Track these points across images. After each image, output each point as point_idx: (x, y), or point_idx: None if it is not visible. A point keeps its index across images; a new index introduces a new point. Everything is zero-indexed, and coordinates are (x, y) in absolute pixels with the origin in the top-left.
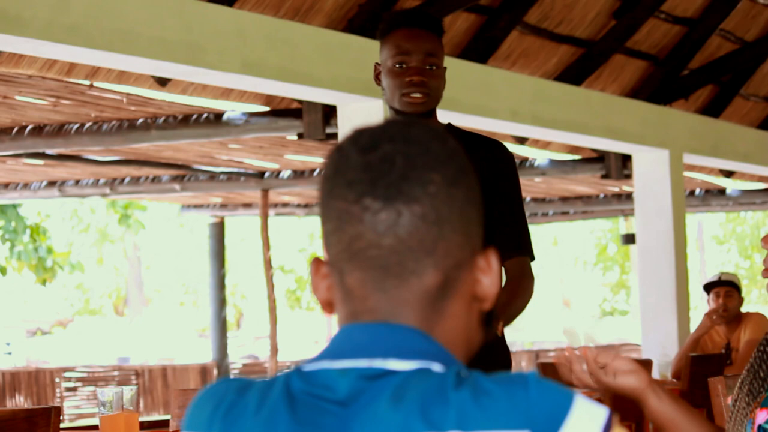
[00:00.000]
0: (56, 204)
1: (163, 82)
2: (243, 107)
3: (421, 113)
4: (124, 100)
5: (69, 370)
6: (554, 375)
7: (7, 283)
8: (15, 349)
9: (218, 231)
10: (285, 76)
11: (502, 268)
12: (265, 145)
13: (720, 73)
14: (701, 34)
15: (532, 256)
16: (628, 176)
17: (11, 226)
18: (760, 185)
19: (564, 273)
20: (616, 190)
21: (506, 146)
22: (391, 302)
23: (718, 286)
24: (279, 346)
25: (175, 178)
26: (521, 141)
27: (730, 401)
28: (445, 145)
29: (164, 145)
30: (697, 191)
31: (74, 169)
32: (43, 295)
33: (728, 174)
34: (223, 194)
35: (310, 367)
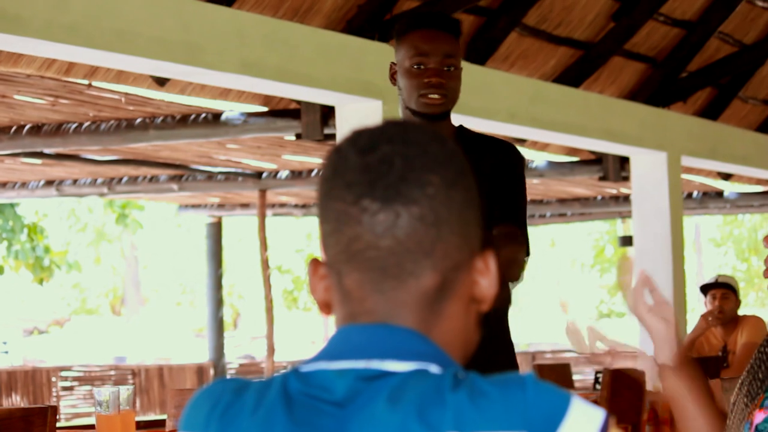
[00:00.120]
0: (54, 203)
1: (161, 82)
2: (241, 107)
3: (438, 114)
4: (123, 100)
5: (66, 370)
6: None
7: (5, 282)
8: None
9: (216, 231)
10: (283, 77)
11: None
12: (263, 146)
13: (718, 75)
14: (700, 37)
15: (528, 253)
16: (626, 178)
17: (9, 225)
18: (758, 188)
19: (561, 275)
20: (614, 192)
21: (518, 149)
22: (389, 303)
23: (715, 288)
24: (276, 346)
25: (173, 178)
26: (519, 142)
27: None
28: (443, 147)
29: (162, 145)
30: (695, 194)
31: (72, 169)
32: (40, 294)
33: (726, 177)
34: (220, 194)
35: (307, 367)
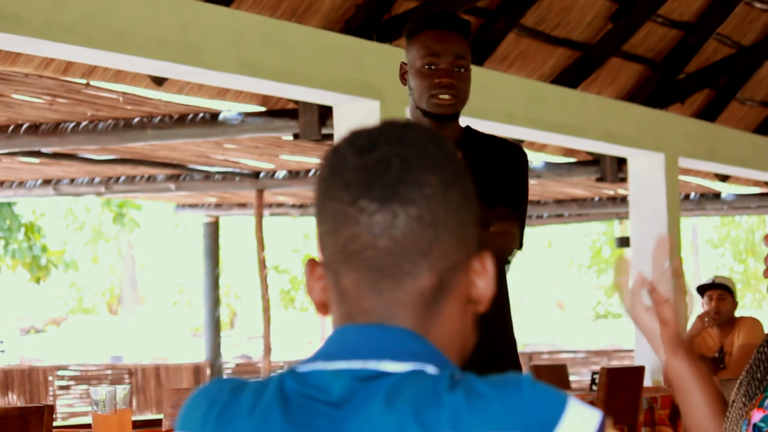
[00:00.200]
0: (51, 202)
1: (159, 82)
2: (239, 107)
3: (449, 115)
4: (121, 99)
5: (62, 369)
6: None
7: (1, 281)
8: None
9: (213, 230)
10: (281, 77)
11: None
12: (260, 146)
13: (716, 77)
14: (698, 38)
15: (520, 245)
16: (624, 179)
17: (6, 224)
18: (756, 189)
19: (558, 275)
20: (611, 193)
21: (524, 150)
22: (386, 304)
23: (711, 289)
24: (272, 346)
25: (171, 178)
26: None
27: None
28: (441, 148)
29: (160, 145)
30: (692, 195)
31: (69, 168)
32: (37, 294)
33: (723, 178)
34: (218, 194)
35: (304, 368)
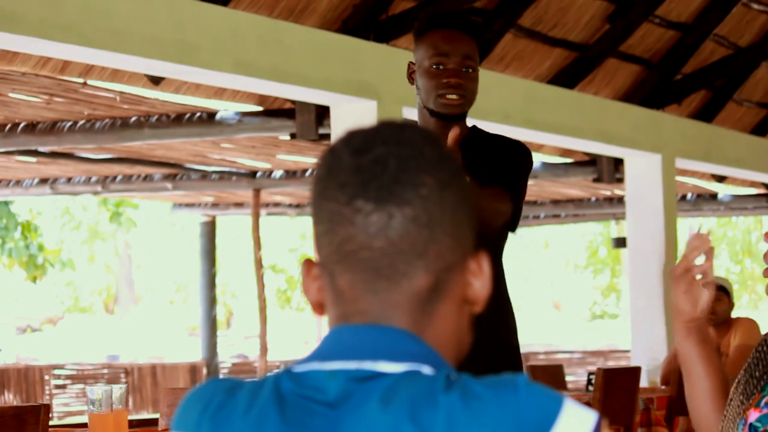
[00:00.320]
0: (48, 201)
1: (156, 81)
2: (236, 107)
3: (456, 115)
4: (118, 99)
5: (58, 368)
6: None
7: None
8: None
9: (209, 230)
10: (278, 77)
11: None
12: (257, 145)
13: (713, 78)
14: (695, 39)
15: (514, 227)
16: (620, 180)
17: (2, 223)
18: (752, 190)
19: (554, 276)
20: (608, 193)
21: (525, 147)
22: (382, 304)
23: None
24: (269, 345)
25: (167, 177)
26: None
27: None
28: (437, 149)
29: (157, 144)
30: (689, 196)
31: (66, 167)
32: (34, 293)
33: (720, 179)
34: (214, 193)
35: (299, 368)
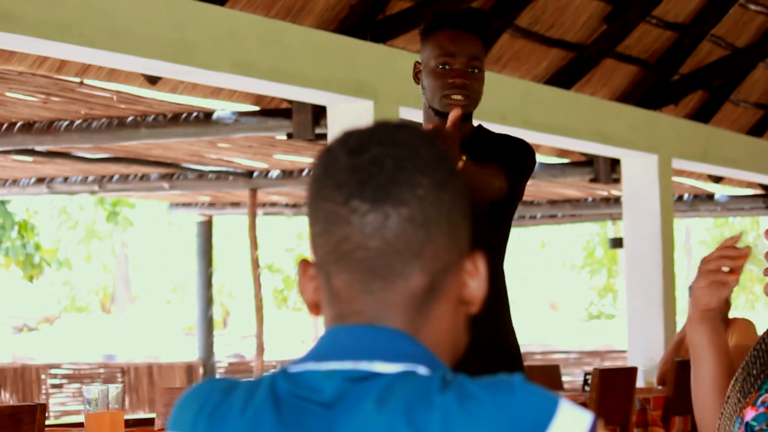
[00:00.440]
0: (45, 201)
1: (153, 81)
2: (233, 106)
3: (462, 115)
4: (114, 98)
5: (55, 367)
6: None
7: None
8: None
9: (206, 230)
10: (275, 76)
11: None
12: (254, 145)
13: (710, 78)
14: (692, 40)
15: (507, 213)
16: (617, 180)
17: None
18: (749, 191)
19: (551, 276)
20: (605, 194)
21: (529, 145)
22: (378, 304)
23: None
24: (265, 345)
25: (164, 177)
26: None
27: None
28: (434, 149)
29: (153, 144)
30: (686, 196)
31: (63, 166)
32: (30, 292)
33: (717, 179)
34: (211, 193)
35: (295, 368)
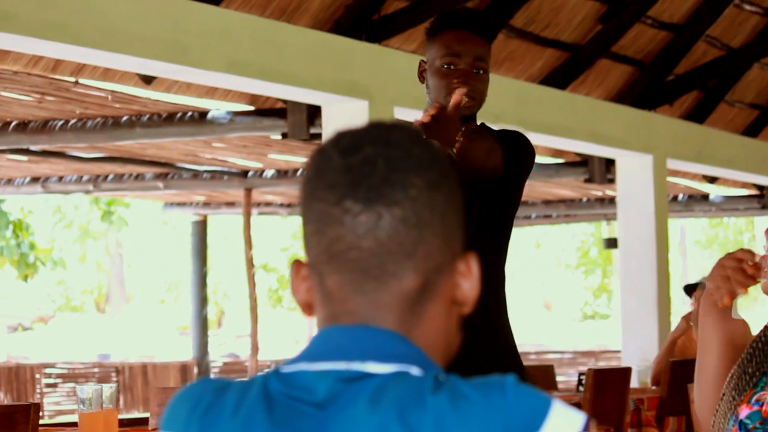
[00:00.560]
0: (39, 200)
1: (148, 80)
2: (227, 106)
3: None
4: (109, 98)
5: (49, 367)
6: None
7: None
8: None
9: (201, 229)
10: (270, 76)
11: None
12: (249, 145)
13: (705, 79)
14: (687, 40)
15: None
16: (612, 180)
17: None
18: (744, 191)
19: (546, 276)
20: (600, 194)
21: (526, 138)
22: (371, 305)
23: (698, 290)
24: (260, 345)
25: (159, 176)
26: None
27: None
28: (427, 149)
29: (148, 143)
30: (681, 196)
31: (58, 166)
32: (25, 291)
33: (712, 180)
34: (206, 192)
35: (288, 368)
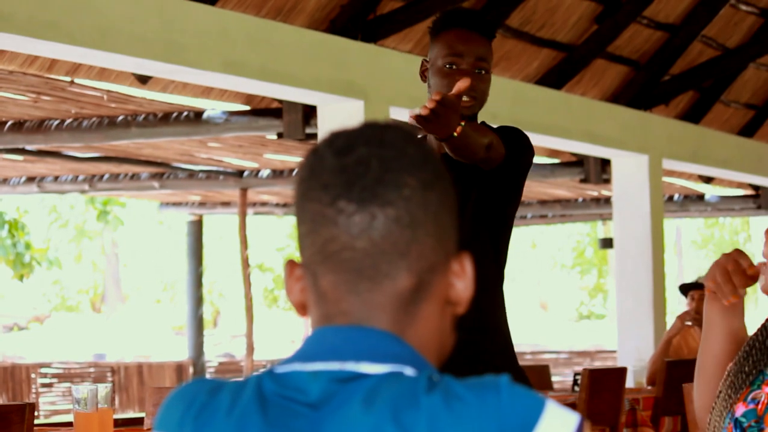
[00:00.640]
0: (35, 200)
1: (143, 80)
2: (223, 106)
3: (466, 116)
4: (105, 97)
5: (45, 366)
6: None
7: None
8: None
9: (196, 229)
10: (266, 76)
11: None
12: (244, 144)
13: (701, 79)
14: (683, 40)
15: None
16: (607, 180)
17: None
18: (739, 191)
19: (541, 276)
20: (595, 194)
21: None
22: (365, 305)
23: (694, 289)
24: (255, 344)
25: (155, 176)
26: None
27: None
28: (420, 149)
29: (144, 143)
30: (676, 196)
31: (53, 165)
32: (21, 291)
33: (707, 180)
34: (201, 192)
35: (282, 369)
